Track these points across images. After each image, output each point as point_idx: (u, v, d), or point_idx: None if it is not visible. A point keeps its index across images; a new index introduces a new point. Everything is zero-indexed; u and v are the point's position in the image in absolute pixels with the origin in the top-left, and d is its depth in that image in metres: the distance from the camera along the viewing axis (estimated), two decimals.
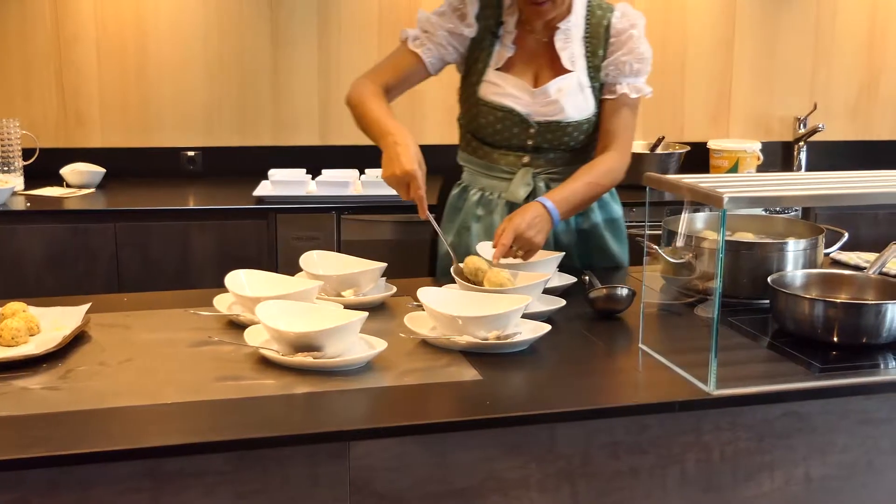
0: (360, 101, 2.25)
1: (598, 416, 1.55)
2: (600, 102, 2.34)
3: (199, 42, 4.08)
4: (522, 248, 2.11)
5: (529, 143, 2.34)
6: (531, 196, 2.32)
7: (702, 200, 1.65)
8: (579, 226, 2.42)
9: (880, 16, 4.62)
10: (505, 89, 2.30)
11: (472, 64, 2.35)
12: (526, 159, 2.35)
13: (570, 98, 2.30)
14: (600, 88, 2.34)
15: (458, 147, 2.53)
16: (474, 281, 1.97)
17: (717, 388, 1.59)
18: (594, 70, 2.32)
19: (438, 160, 4.12)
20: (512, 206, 2.31)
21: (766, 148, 4.35)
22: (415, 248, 3.51)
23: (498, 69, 2.32)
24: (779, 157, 4.58)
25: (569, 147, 2.35)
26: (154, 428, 1.43)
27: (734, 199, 1.53)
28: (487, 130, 2.34)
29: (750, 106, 4.57)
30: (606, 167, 2.29)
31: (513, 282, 1.95)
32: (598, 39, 2.32)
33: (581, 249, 2.41)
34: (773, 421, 1.66)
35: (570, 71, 2.31)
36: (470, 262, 1.99)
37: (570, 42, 2.31)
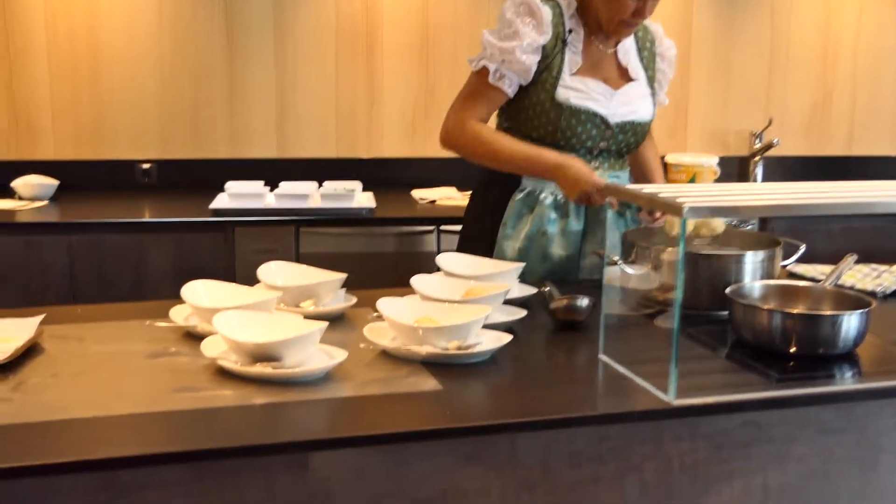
0: (491, 141, 2.39)
1: (558, 426, 1.55)
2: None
3: (153, 53, 4.05)
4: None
5: (603, 144, 2.45)
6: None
7: (662, 210, 1.66)
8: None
9: (833, 32, 4.71)
10: (588, 93, 2.40)
11: (542, 71, 2.38)
12: (594, 163, 2.45)
13: (642, 102, 2.50)
14: (653, 96, 2.56)
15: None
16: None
17: (676, 398, 1.59)
18: (650, 81, 2.54)
19: (397, 173, 4.11)
20: (585, 209, 2.45)
21: (723, 162, 4.36)
22: (375, 260, 3.52)
23: (573, 74, 2.40)
24: (735, 171, 4.64)
25: (630, 149, 2.53)
26: (108, 440, 1.41)
27: (694, 209, 1.54)
28: (565, 134, 2.40)
29: (707, 120, 4.63)
30: (658, 154, 2.73)
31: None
32: (650, 53, 2.55)
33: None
34: (731, 430, 1.66)
35: (635, 79, 2.50)
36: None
37: (629, 55, 2.50)
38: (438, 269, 2.20)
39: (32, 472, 1.32)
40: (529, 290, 2.17)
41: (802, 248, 2.21)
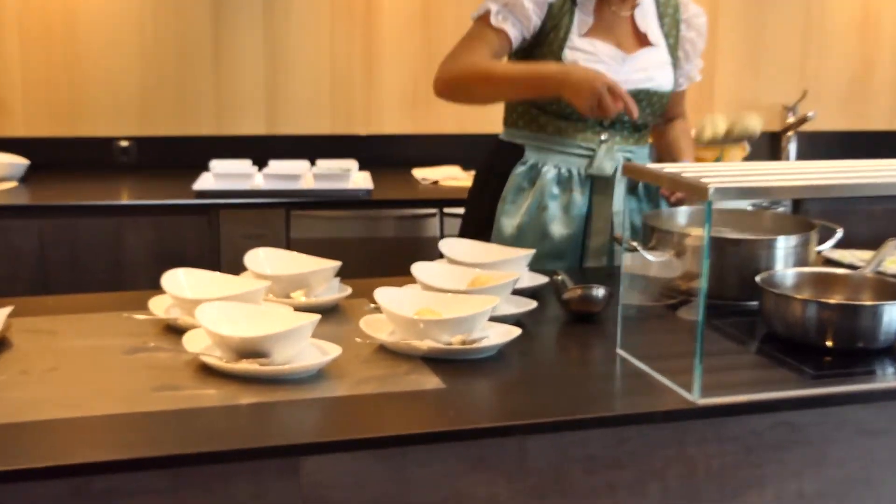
0: (486, 66, 2.36)
1: (572, 428, 1.55)
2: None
3: (132, 21, 4.05)
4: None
5: (614, 113, 2.40)
6: (615, 172, 2.45)
7: (685, 191, 1.65)
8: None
9: None
10: (597, 56, 2.41)
11: (549, 31, 2.41)
12: (604, 135, 2.47)
13: (660, 70, 2.51)
14: (674, 66, 2.56)
15: (502, 125, 2.62)
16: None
17: (701, 397, 1.59)
18: (671, 49, 2.54)
19: (397, 150, 4.10)
20: (593, 183, 2.46)
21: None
22: (372, 246, 3.52)
23: (582, 36, 2.41)
24: (766, 147, 4.62)
25: (645, 121, 2.52)
26: (81, 443, 1.41)
27: (721, 189, 1.53)
28: (570, 107, 2.38)
29: (735, 93, 4.61)
30: (691, 136, 2.70)
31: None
32: (672, 20, 2.54)
33: None
34: (762, 432, 1.66)
35: (654, 45, 2.51)
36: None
37: (647, 19, 2.50)
38: (441, 256, 2.20)
39: None
40: (540, 280, 2.17)
41: (840, 233, 2.20)
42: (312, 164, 3.94)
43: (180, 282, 1.95)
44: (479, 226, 2.52)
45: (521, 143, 2.53)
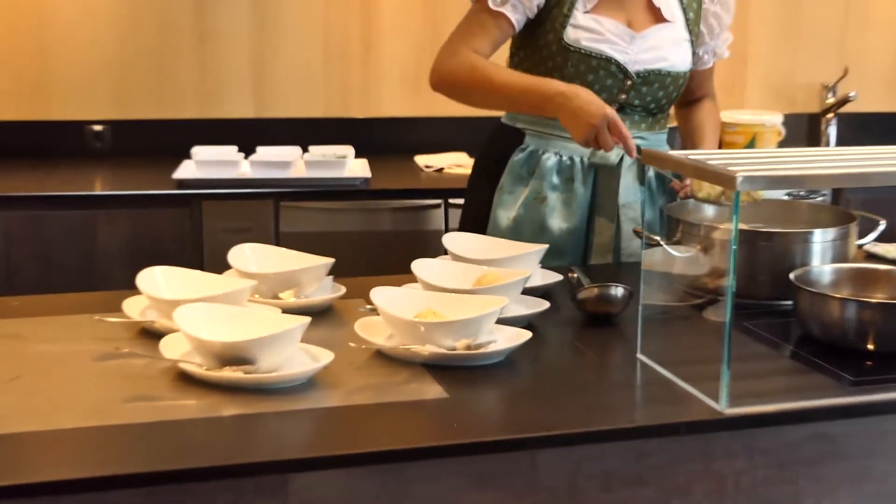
0: (485, 68, 2.36)
1: (587, 441, 1.55)
2: (694, 58, 2.56)
3: None
4: None
5: (622, 97, 2.45)
6: (621, 164, 2.44)
7: (711, 181, 1.65)
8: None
9: None
10: (602, 34, 2.40)
11: (553, 7, 2.40)
12: None
13: (674, 49, 2.48)
14: (693, 43, 2.54)
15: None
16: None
17: (729, 407, 1.58)
18: (692, 24, 2.51)
19: (397, 136, 4.10)
20: (597, 172, 2.45)
21: (789, 121, 4.35)
22: (369, 241, 3.51)
23: (587, 12, 2.40)
24: (804, 131, 4.62)
25: (658, 105, 2.50)
26: (48, 459, 1.41)
27: (750, 178, 1.52)
28: (574, 83, 2.35)
29: (770, 72, 4.60)
30: (718, 120, 2.71)
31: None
32: None
33: None
34: (797, 445, 1.65)
35: (669, 21, 2.47)
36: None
37: None
38: (445, 252, 2.20)
39: None
40: (553, 277, 2.17)
41: (882, 225, 2.20)
42: (304, 150, 3.93)
43: (157, 281, 1.94)
44: (479, 218, 2.52)
45: (522, 128, 2.52)
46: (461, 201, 2.71)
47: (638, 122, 2.49)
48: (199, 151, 3.77)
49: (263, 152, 3.83)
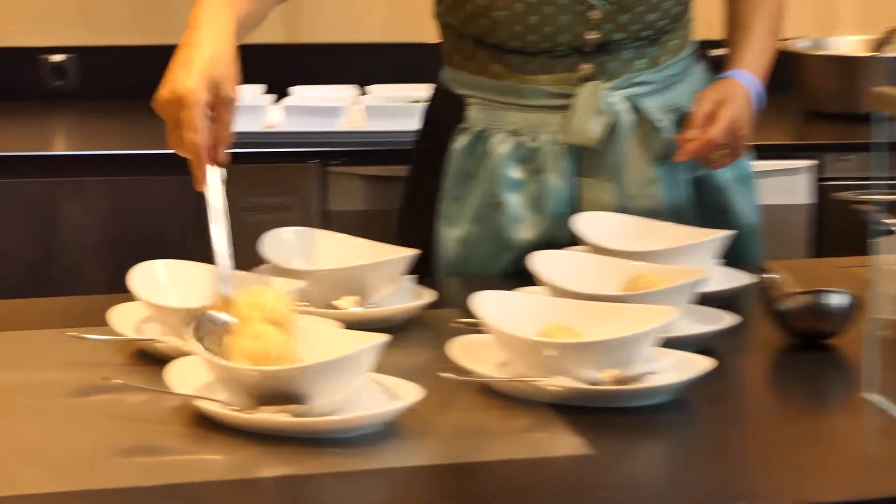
0: None
1: None
2: None
3: None
4: (726, 150, 2.33)
5: (590, 37, 2.36)
6: (615, 132, 2.37)
7: None
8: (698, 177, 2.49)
9: None
10: None
11: None
12: (586, 67, 2.39)
13: None
14: None
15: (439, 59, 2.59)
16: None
17: None
18: None
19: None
20: (575, 157, 2.37)
21: None
22: None
23: None
24: None
25: (654, 31, 2.41)
26: None
27: None
28: (513, 29, 2.34)
29: None
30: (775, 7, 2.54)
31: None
32: None
33: (702, 212, 2.47)
34: None
35: None
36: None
37: None
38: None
39: None
40: (741, 279, 2.16)
41: None
42: (362, 91, 3.90)
43: (158, 281, 1.97)
44: (418, 234, 2.40)
45: (463, 94, 2.46)
46: None
47: (630, 60, 2.44)
48: None
49: (301, 94, 3.82)
